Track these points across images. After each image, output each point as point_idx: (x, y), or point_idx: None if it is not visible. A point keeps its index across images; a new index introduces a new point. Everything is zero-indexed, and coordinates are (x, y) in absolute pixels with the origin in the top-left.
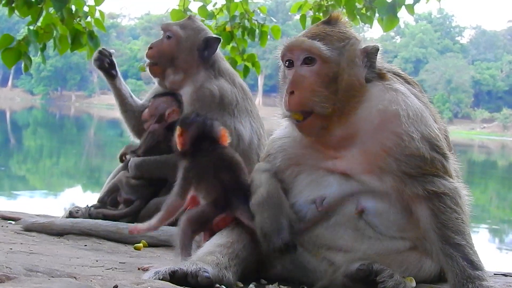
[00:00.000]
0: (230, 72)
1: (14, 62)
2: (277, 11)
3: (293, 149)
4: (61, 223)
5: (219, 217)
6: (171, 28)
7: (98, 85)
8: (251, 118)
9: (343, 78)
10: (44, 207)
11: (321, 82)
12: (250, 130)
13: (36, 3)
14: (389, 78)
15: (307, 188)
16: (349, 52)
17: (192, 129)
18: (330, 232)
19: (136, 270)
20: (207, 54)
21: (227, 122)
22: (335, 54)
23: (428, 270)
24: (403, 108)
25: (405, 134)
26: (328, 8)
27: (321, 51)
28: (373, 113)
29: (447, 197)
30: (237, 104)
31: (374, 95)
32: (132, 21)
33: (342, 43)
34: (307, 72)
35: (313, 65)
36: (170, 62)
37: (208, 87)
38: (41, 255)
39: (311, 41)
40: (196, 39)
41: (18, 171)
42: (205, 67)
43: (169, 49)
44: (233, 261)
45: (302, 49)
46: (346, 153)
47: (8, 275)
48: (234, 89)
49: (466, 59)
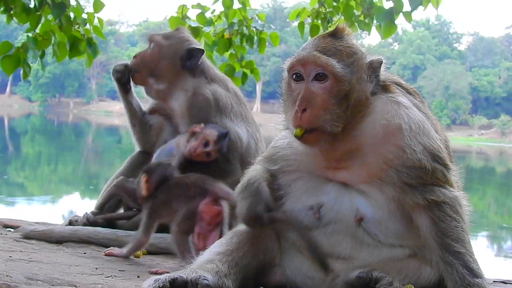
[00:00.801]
0: (222, 78)
1: (13, 69)
2: (275, 18)
3: (294, 156)
4: (60, 231)
5: (202, 205)
6: (154, 38)
7: (96, 92)
8: (246, 123)
9: (353, 95)
10: (42, 214)
11: (333, 100)
12: (247, 135)
13: (34, 10)
14: (393, 90)
15: (304, 194)
16: (357, 68)
17: (154, 177)
18: (328, 240)
19: (136, 278)
20: (189, 65)
21: (227, 124)
22: (348, 71)
23: (427, 277)
24: (406, 121)
25: (407, 147)
26: (326, 16)
27: (335, 68)
28: (376, 127)
29: (447, 205)
30: (232, 109)
31: (377, 108)
32: (130, 28)
33: (351, 59)
34: (319, 89)
35: (325, 82)
36: (152, 70)
37: (201, 92)
38: (41, 263)
39: (327, 57)
40: (179, 48)
41: (16, 178)
42: (192, 75)
43: (150, 57)
44: (232, 269)
45: (316, 65)
46: (347, 165)
47: (9, 284)
48: (228, 93)
49: (464, 65)
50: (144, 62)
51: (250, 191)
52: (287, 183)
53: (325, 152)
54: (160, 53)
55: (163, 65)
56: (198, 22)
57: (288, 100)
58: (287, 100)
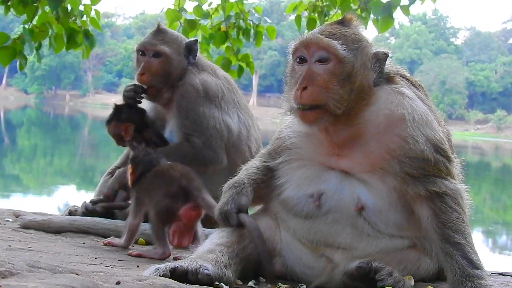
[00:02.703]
0: (211, 65)
1: (9, 60)
2: (271, 11)
3: (298, 144)
4: (59, 221)
5: (184, 207)
6: (157, 48)
7: (92, 85)
8: (238, 109)
9: (357, 79)
10: (38, 206)
11: (335, 81)
12: (238, 122)
13: (31, 1)
14: (397, 81)
15: (305, 182)
16: (362, 55)
17: (140, 167)
18: (328, 229)
19: (136, 267)
20: (192, 59)
21: (215, 114)
22: (350, 54)
23: (427, 268)
24: (409, 112)
25: (410, 137)
26: (323, 9)
27: (338, 50)
28: (380, 116)
29: (448, 197)
30: (223, 96)
31: (381, 99)
32: (126, 20)
33: (356, 45)
34: (321, 69)
35: (328, 63)
36: (165, 80)
37: (190, 82)
38: (40, 252)
39: (329, 39)
40: (180, 48)
41: (12, 170)
42: (189, 67)
43: (162, 68)
44: (233, 260)
45: (319, 47)
46: (349, 153)
47: (11, 271)
48: (218, 81)
49: (461, 60)
50: (157, 75)
51: (230, 192)
52: (289, 171)
53: (326, 134)
54: (170, 61)
55: (175, 70)
56: (195, 15)
57: (291, 82)
58: (289, 82)
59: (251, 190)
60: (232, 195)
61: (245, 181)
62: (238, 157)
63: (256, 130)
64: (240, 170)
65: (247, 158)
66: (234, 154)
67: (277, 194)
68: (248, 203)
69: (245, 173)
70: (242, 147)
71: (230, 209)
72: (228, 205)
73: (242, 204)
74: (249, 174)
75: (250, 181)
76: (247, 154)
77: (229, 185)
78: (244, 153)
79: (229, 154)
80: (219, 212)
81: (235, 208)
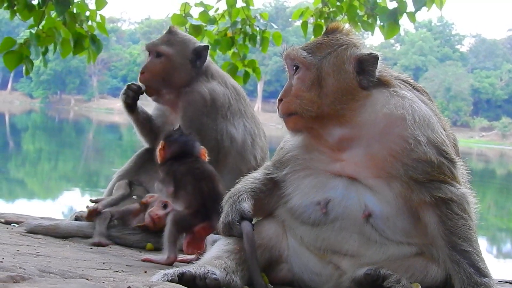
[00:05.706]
0: (221, 74)
1: (16, 65)
2: (277, 17)
3: (302, 155)
4: (66, 226)
5: (199, 226)
6: (159, 48)
7: (97, 89)
8: (244, 118)
9: (327, 82)
10: (42, 211)
11: (305, 87)
12: (243, 131)
13: (38, 6)
14: (395, 84)
15: (312, 190)
16: (335, 58)
17: (174, 147)
18: (336, 236)
19: (143, 273)
20: (199, 64)
21: (220, 126)
22: (316, 60)
23: (434, 276)
24: (409, 112)
25: (411, 138)
26: (329, 15)
27: (302, 58)
28: (378, 116)
29: (454, 203)
30: (230, 106)
31: (379, 100)
32: (132, 25)
33: (328, 50)
34: (295, 79)
35: (298, 72)
36: (165, 81)
37: (198, 91)
38: (49, 257)
39: (297, 49)
40: (186, 52)
41: (17, 174)
42: (196, 74)
43: (162, 70)
44: (240, 266)
45: (290, 58)
46: (352, 156)
47: (23, 276)
48: (226, 90)
49: (466, 67)
50: (156, 76)
51: (228, 204)
52: (296, 181)
53: (318, 139)
54: (171, 63)
55: (176, 73)
56: (201, 20)
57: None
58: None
59: (248, 197)
60: (231, 205)
61: (241, 190)
62: (243, 165)
63: (262, 139)
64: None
65: (253, 166)
66: (239, 163)
67: (284, 203)
68: (249, 208)
69: (241, 183)
70: (247, 156)
71: (232, 219)
72: (229, 215)
73: (243, 209)
74: (245, 184)
75: (247, 189)
76: (252, 162)
77: (226, 198)
78: (248, 162)
79: (234, 162)
80: (222, 225)
81: (237, 217)
